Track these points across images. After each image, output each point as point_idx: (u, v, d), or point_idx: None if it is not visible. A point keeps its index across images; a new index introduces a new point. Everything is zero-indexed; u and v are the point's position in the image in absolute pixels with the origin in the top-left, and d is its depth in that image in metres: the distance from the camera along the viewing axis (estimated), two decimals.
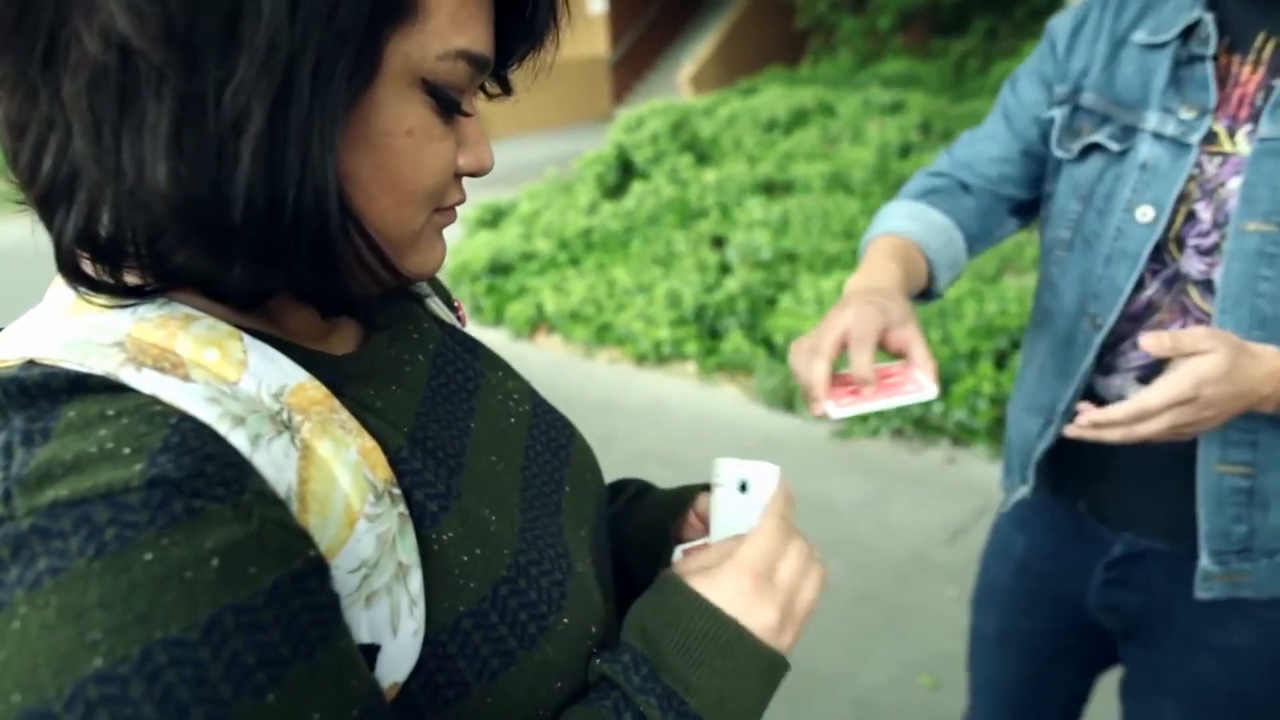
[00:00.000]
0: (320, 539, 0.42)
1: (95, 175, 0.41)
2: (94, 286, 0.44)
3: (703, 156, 5.71)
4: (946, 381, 3.32)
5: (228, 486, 0.39)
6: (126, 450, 0.38)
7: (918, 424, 3.37)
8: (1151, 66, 0.97)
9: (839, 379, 0.80)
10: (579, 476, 0.64)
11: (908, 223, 1.06)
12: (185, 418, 0.40)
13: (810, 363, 0.78)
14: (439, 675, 0.47)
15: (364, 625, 0.44)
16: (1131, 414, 0.83)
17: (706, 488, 0.70)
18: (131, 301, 0.45)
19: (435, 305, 0.65)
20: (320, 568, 0.41)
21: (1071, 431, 0.88)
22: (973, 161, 1.12)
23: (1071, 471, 1.10)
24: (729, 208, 4.72)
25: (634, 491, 0.76)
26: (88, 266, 0.44)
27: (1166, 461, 0.99)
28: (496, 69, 0.52)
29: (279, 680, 0.38)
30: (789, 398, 3.64)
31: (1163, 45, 0.97)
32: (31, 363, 0.41)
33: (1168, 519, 1.02)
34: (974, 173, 1.11)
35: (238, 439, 0.41)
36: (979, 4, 7.81)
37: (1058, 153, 1.04)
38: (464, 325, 0.67)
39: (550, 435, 0.63)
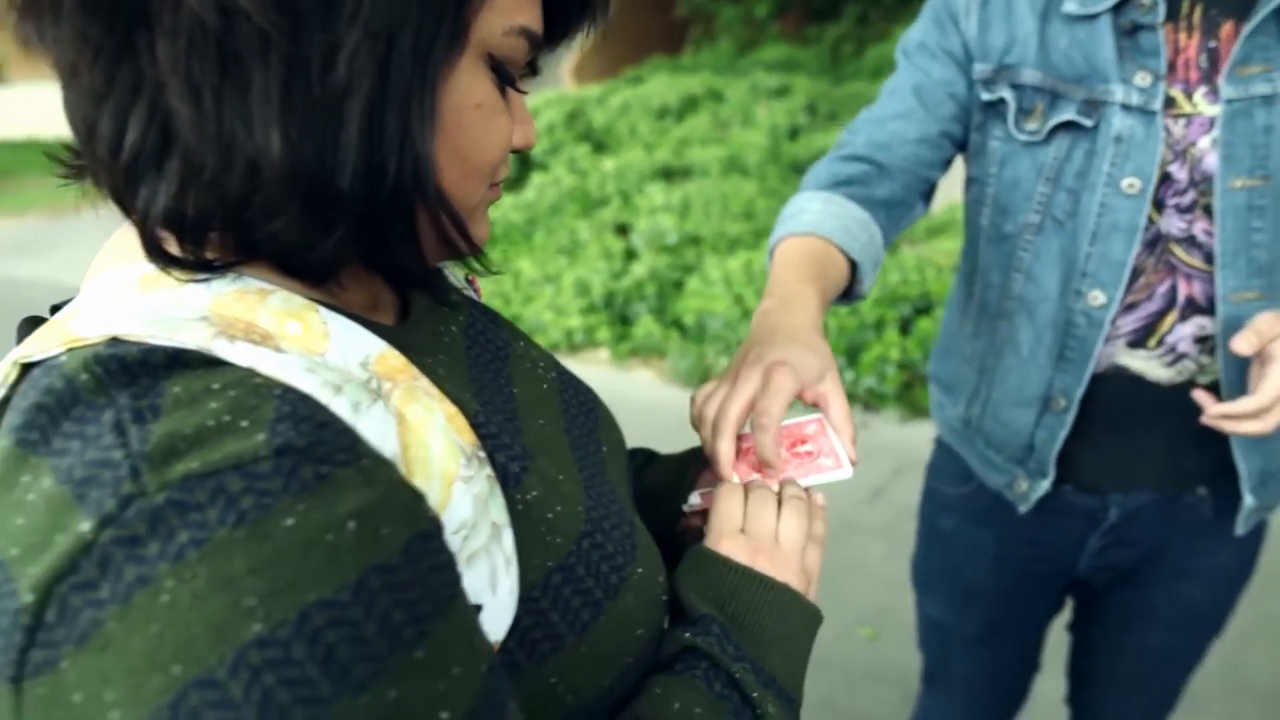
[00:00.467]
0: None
1: (193, 141, 0.41)
2: (172, 261, 0.43)
3: (600, 145, 5.75)
4: (855, 350, 3.45)
5: (347, 452, 0.39)
6: (244, 423, 0.38)
7: None
8: (1089, 39, 0.97)
9: (748, 448, 0.71)
10: (610, 437, 0.65)
11: (827, 220, 0.98)
12: (288, 389, 0.40)
13: (715, 438, 0.69)
14: (535, 630, 0.48)
15: (468, 585, 0.44)
16: (1258, 407, 0.87)
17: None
18: (204, 276, 0.44)
19: (453, 278, 0.66)
20: (439, 528, 0.42)
21: (1210, 420, 0.91)
22: (889, 142, 1.06)
23: (1063, 455, 1.09)
24: (630, 195, 4.77)
25: (644, 459, 0.78)
26: (168, 242, 0.44)
27: (1149, 417, 1.04)
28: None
29: (424, 636, 0.38)
30: (704, 377, 3.72)
31: (1094, 16, 0.97)
32: (115, 340, 0.40)
33: (1157, 470, 1.07)
34: (892, 154, 1.05)
35: (340, 407, 0.41)
36: None
37: (1017, 136, 1.01)
38: (479, 297, 0.68)
39: (579, 399, 0.64)
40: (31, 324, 0.49)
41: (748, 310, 3.66)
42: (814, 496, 0.67)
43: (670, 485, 0.74)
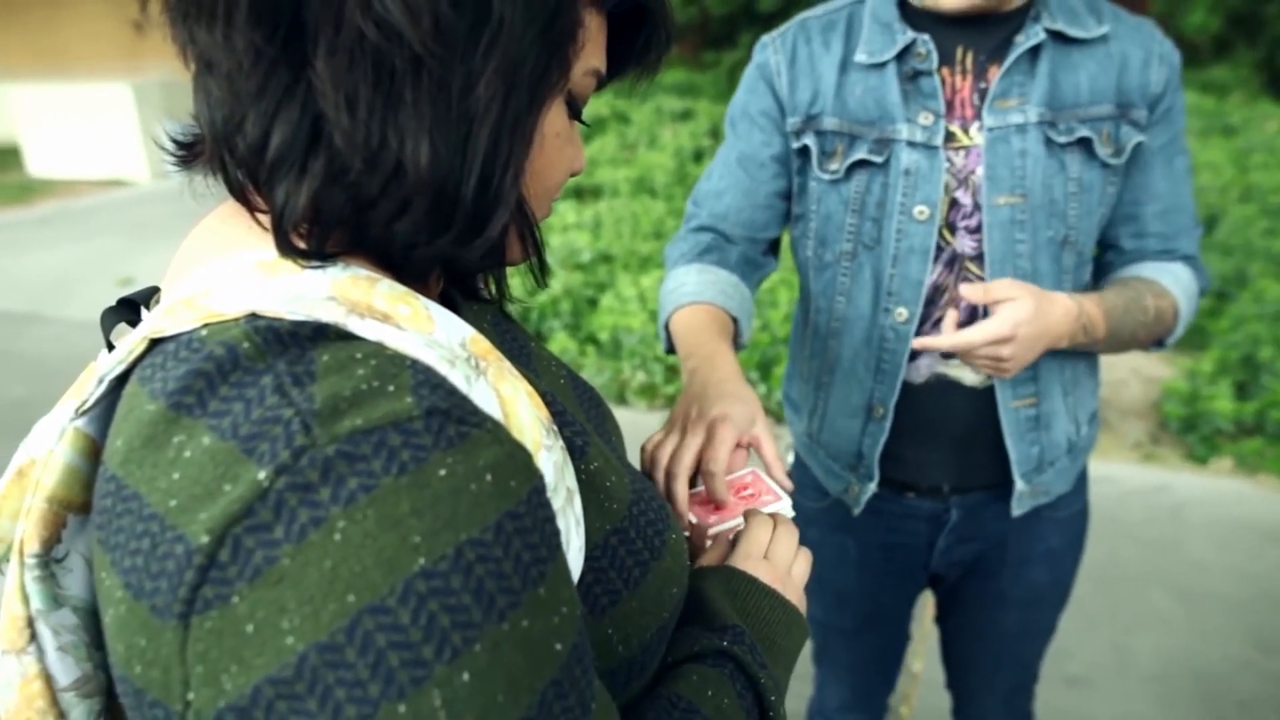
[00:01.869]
0: None
1: (343, 146, 0.45)
2: (296, 251, 0.48)
3: None
4: (767, 365, 3.59)
5: (476, 414, 0.44)
6: (390, 387, 0.42)
7: None
8: (879, 85, 1.10)
9: (695, 494, 0.83)
10: (615, 432, 0.72)
11: (706, 289, 1.11)
12: (416, 361, 0.44)
13: (671, 483, 0.80)
14: (595, 586, 0.54)
15: None
16: (957, 344, 1.01)
17: None
18: (319, 265, 0.48)
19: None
20: (545, 484, 0.47)
21: (919, 344, 1.05)
22: (726, 214, 1.18)
23: (897, 464, 1.21)
24: None
25: None
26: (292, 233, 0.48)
27: (976, 426, 1.17)
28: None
29: (544, 576, 0.43)
30: (620, 391, 3.79)
31: (882, 65, 1.10)
32: (254, 315, 0.44)
33: (987, 470, 1.20)
34: (732, 223, 1.18)
35: (457, 379, 0.45)
36: (744, 20, 8.34)
37: (822, 176, 1.12)
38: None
39: (589, 396, 0.71)
40: (113, 314, 0.54)
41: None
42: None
43: None
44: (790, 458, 1.38)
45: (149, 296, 0.56)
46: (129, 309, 0.55)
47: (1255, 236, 3.91)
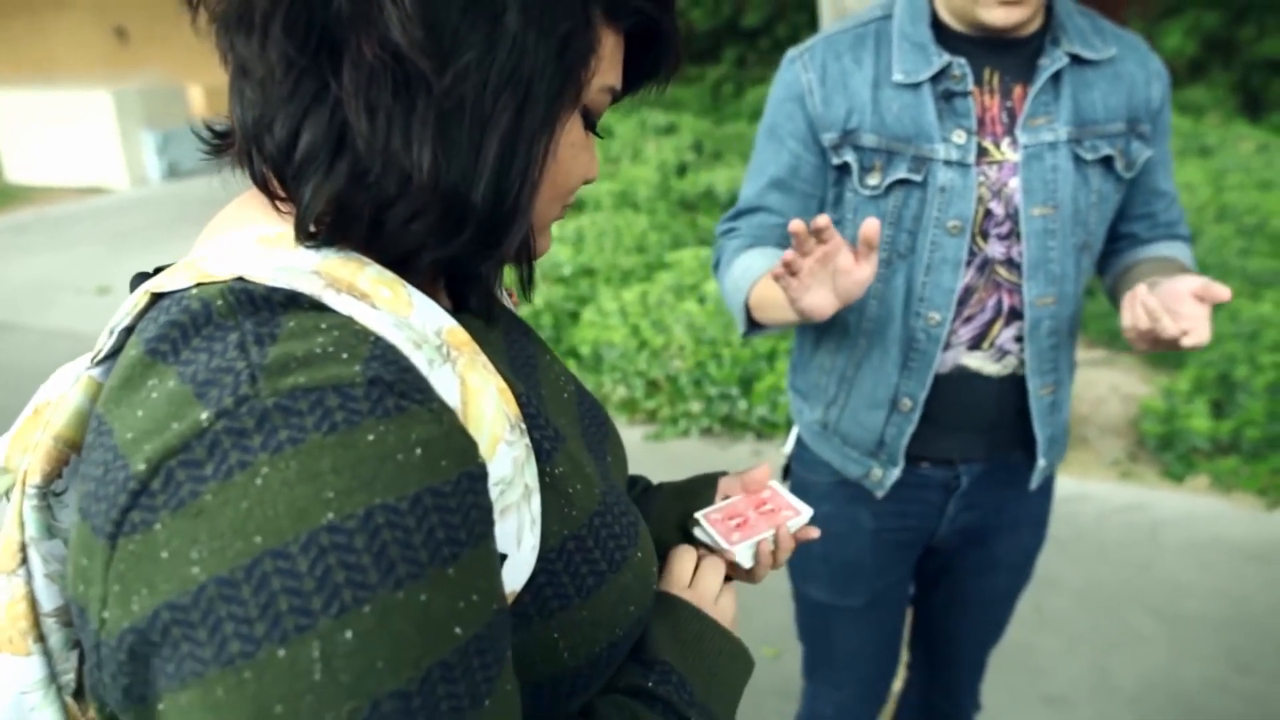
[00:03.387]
0: None
1: (363, 150, 0.48)
2: (311, 237, 0.51)
3: None
4: (749, 381, 3.58)
5: (423, 394, 0.46)
6: (344, 355, 0.45)
7: (725, 421, 3.61)
8: (915, 104, 1.16)
9: (716, 519, 0.82)
10: (616, 452, 0.73)
11: (776, 261, 1.17)
12: (380, 337, 0.47)
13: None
14: (547, 589, 0.55)
15: (498, 535, 0.50)
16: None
17: (717, 477, 0.85)
18: (316, 245, 0.51)
19: (498, 290, 0.71)
20: (485, 474, 0.48)
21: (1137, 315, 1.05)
22: (766, 236, 1.27)
23: (915, 442, 1.29)
24: None
25: (645, 484, 0.86)
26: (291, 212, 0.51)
27: (983, 403, 1.27)
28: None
29: (456, 558, 0.44)
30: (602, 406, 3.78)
31: (917, 85, 1.16)
32: (241, 279, 0.48)
33: (995, 442, 1.30)
34: (772, 239, 1.27)
35: (419, 360, 0.48)
36: (729, 35, 8.40)
37: (862, 191, 1.19)
38: (516, 308, 0.74)
39: (593, 412, 0.71)
40: (142, 276, 0.57)
41: (644, 340, 3.74)
42: (790, 537, 0.81)
43: (679, 512, 0.83)
44: (789, 444, 1.45)
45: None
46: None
47: (1231, 256, 3.95)
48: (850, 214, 1.23)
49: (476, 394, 0.51)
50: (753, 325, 1.24)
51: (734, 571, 0.79)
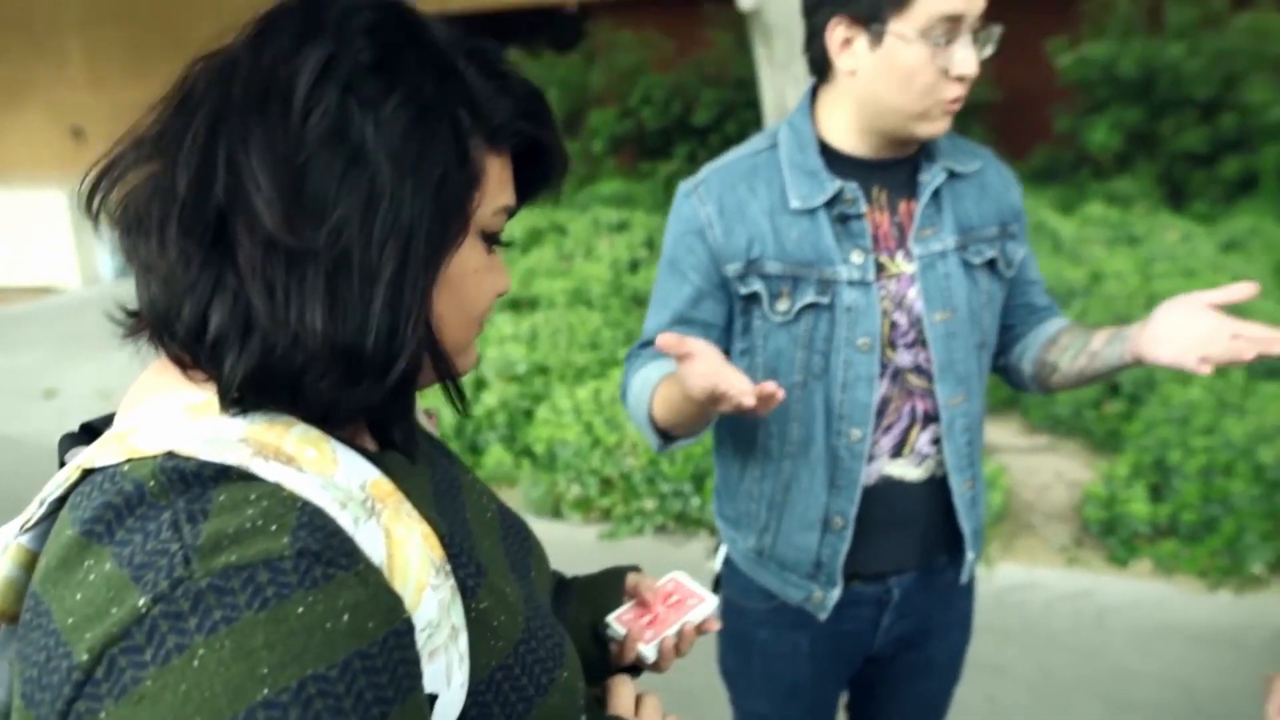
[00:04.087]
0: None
1: (268, 325, 0.52)
2: (235, 404, 0.54)
3: None
4: (701, 477, 3.62)
5: (350, 557, 0.50)
6: (273, 527, 0.48)
7: (678, 518, 3.63)
8: (813, 229, 1.21)
9: (628, 619, 0.87)
10: (539, 565, 0.77)
11: (667, 367, 1.22)
12: (307, 503, 0.50)
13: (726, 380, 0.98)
14: (480, 719, 0.58)
15: (427, 677, 0.54)
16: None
17: (625, 571, 0.90)
18: (238, 411, 0.54)
19: (420, 416, 0.75)
20: (411, 627, 0.52)
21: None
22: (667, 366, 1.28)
23: (849, 560, 1.30)
24: None
25: (559, 580, 0.89)
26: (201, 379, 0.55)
27: (909, 509, 1.31)
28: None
29: (386, 715, 0.48)
30: (555, 505, 3.78)
31: (813, 210, 1.22)
32: (171, 454, 0.50)
33: (920, 549, 1.34)
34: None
35: (345, 520, 0.51)
36: (679, 132, 8.67)
37: (773, 318, 1.23)
38: (435, 431, 0.78)
39: (515, 531, 0.75)
40: (70, 438, 0.59)
41: (598, 438, 3.77)
42: (693, 629, 0.86)
43: (592, 612, 0.87)
44: (718, 561, 1.46)
45: (106, 424, 0.61)
46: (87, 435, 0.60)
47: None
48: (760, 341, 1.26)
49: (401, 544, 0.54)
50: (663, 437, 1.24)
51: (641, 664, 0.84)
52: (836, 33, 1.17)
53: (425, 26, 0.58)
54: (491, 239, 0.63)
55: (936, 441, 1.29)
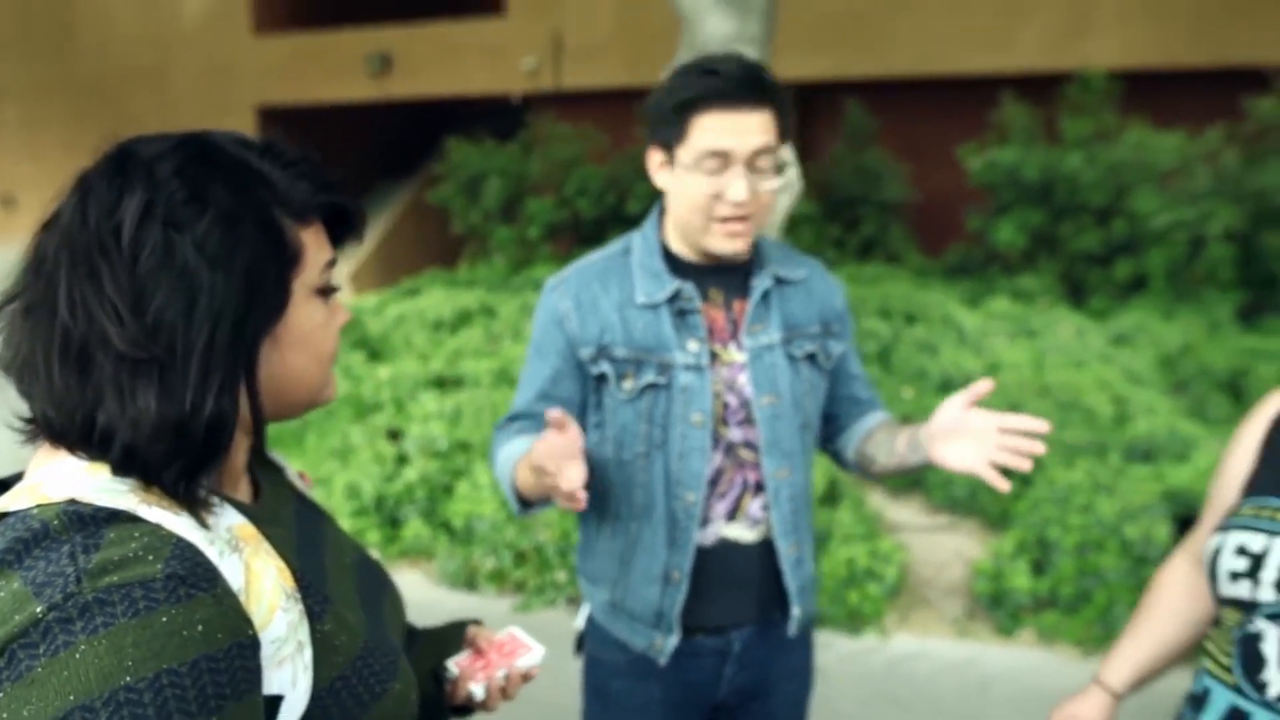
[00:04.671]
0: (255, 621, 0.67)
1: (116, 417, 0.66)
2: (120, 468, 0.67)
3: (375, 354, 5.95)
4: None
5: (210, 583, 0.64)
6: (150, 557, 0.62)
7: None
8: (655, 321, 1.42)
9: (464, 663, 1.02)
10: (392, 608, 0.92)
11: (532, 441, 1.38)
12: (180, 539, 0.64)
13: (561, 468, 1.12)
14: (321, 718, 0.72)
15: (275, 681, 0.68)
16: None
17: (467, 624, 1.04)
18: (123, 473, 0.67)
19: (290, 476, 0.91)
20: (255, 644, 0.66)
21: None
22: (539, 421, 1.45)
23: (691, 614, 1.47)
24: (403, 402, 4.97)
25: (410, 630, 1.03)
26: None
27: (745, 568, 1.47)
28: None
29: (223, 709, 0.61)
30: (470, 577, 3.86)
31: (656, 305, 1.42)
32: (73, 500, 0.64)
33: (756, 604, 1.50)
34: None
35: (212, 554, 0.65)
36: (613, 221, 8.97)
37: (619, 395, 1.42)
38: (310, 489, 0.93)
39: (373, 579, 0.91)
40: None
41: (512, 512, 3.88)
42: (519, 675, 1.00)
43: (434, 658, 1.01)
44: (580, 619, 1.60)
45: (14, 480, 0.74)
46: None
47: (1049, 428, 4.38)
48: (610, 416, 1.46)
49: (259, 575, 0.68)
50: (523, 503, 1.41)
51: (471, 703, 0.97)
52: (653, 156, 1.41)
53: (222, 149, 0.71)
54: (326, 291, 0.77)
55: (766, 508, 1.46)
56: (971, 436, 1.29)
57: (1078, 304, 6.97)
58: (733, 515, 1.46)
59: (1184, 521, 3.61)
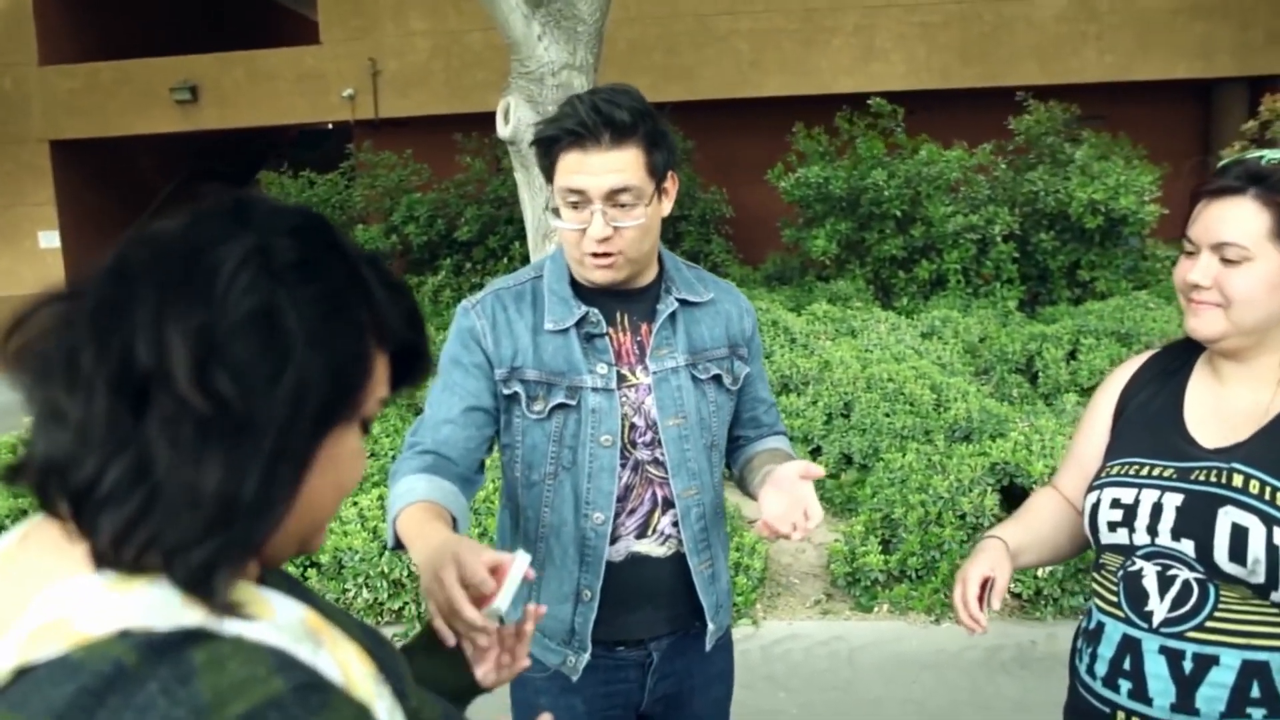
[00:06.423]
0: None
1: (167, 482, 0.54)
2: (115, 564, 0.55)
3: None
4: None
5: (328, 683, 0.57)
6: (260, 672, 0.53)
7: None
8: (565, 345, 1.44)
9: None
10: (402, 663, 0.85)
11: (436, 493, 1.33)
12: (272, 647, 0.56)
13: (461, 609, 0.98)
14: None
15: None
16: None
17: (430, 628, 1.03)
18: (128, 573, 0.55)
19: None
20: None
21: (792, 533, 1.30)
22: (449, 441, 1.43)
23: (608, 627, 1.49)
24: None
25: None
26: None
27: (668, 587, 1.51)
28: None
29: None
30: (345, 611, 3.78)
31: (565, 330, 1.45)
32: (126, 632, 0.52)
33: (670, 616, 1.54)
34: (451, 448, 1.43)
35: (303, 654, 0.57)
36: (444, 246, 8.93)
37: (530, 415, 1.43)
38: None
39: (374, 636, 0.84)
40: None
41: (385, 542, 3.84)
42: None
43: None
44: None
45: None
46: None
47: (880, 417, 4.78)
48: (520, 437, 1.48)
49: (348, 666, 0.61)
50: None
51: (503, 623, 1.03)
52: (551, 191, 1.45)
53: (339, 235, 0.65)
54: (367, 427, 0.68)
55: (676, 524, 1.49)
56: (787, 492, 1.36)
57: (887, 303, 7.58)
58: (643, 531, 1.49)
59: (1007, 490, 4.06)
